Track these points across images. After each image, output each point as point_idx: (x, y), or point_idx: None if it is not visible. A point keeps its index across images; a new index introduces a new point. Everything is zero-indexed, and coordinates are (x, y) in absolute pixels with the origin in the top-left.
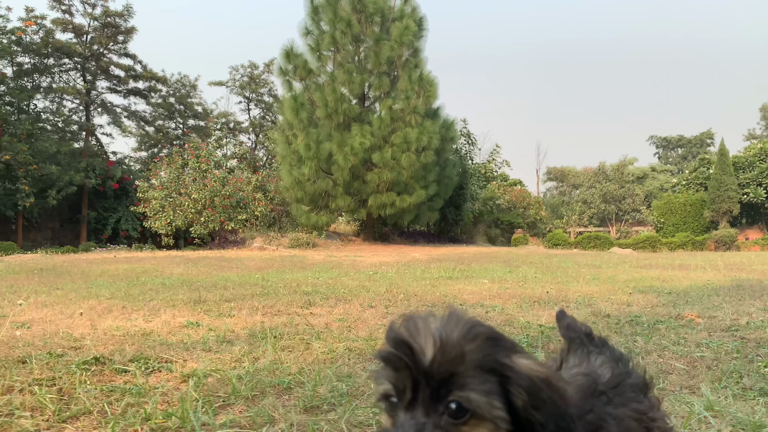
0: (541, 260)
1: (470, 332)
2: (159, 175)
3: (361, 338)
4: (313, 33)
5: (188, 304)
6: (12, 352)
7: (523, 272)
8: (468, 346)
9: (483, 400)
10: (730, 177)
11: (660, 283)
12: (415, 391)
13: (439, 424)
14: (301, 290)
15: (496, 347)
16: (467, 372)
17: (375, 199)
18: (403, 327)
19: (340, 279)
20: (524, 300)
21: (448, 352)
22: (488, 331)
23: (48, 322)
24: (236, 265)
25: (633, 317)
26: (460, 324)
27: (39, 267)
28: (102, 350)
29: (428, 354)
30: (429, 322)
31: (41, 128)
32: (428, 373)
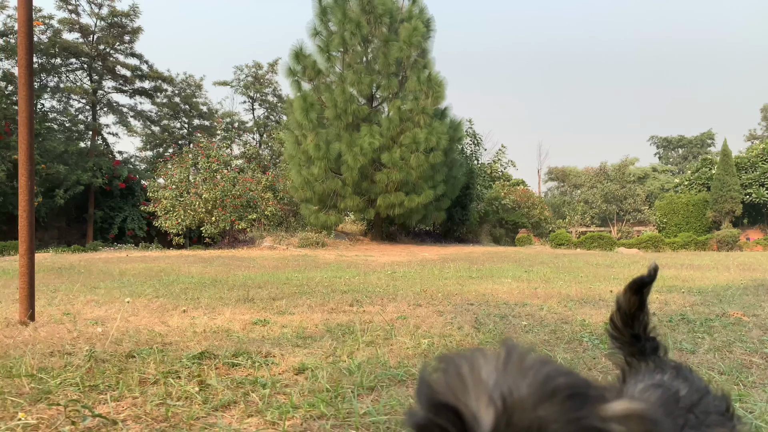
0: (551, 260)
1: (546, 388)
2: (169, 174)
3: (435, 335)
4: (321, 34)
5: (240, 302)
6: (119, 347)
7: (541, 272)
8: (545, 410)
9: None
10: (732, 177)
11: (681, 282)
12: None
13: None
14: (338, 289)
15: (583, 406)
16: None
17: (384, 199)
18: (444, 380)
19: (367, 278)
20: (564, 299)
21: (517, 423)
22: (569, 381)
23: (115, 320)
24: (252, 264)
25: (681, 315)
26: (527, 373)
27: (57, 266)
28: (196, 346)
29: (486, 426)
30: (480, 370)
31: (48, 128)
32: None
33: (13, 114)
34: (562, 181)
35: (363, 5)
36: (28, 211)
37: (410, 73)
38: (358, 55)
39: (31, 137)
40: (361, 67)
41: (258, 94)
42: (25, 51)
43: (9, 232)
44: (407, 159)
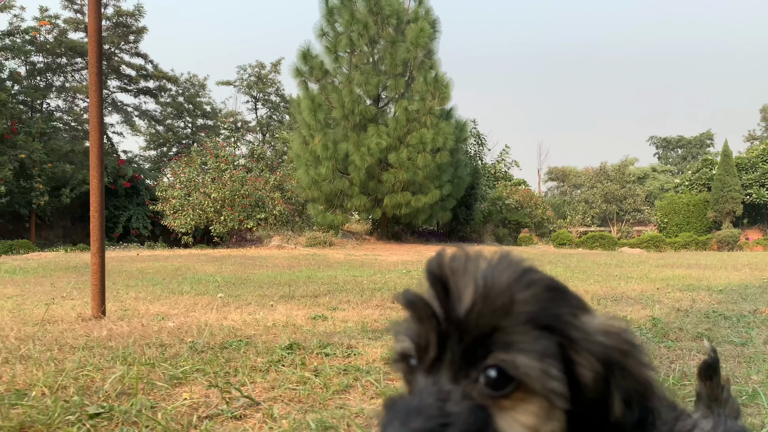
0: (560, 260)
1: (525, 277)
2: (178, 174)
3: None
4: (328, 34)
5: (284, 299)
6: (212, 339)
7: (555, 272)
8: (521, 293)
9: (536, 366)
10: (733, 178)
11: (697, 281)
12: (442, 349)
13: (471, 394)
14: (367, 287)
15: (558, 300)
16: (517, 327)
17: (390, 198)
18: (441, 262)
19: (386, 276)
20: (594, 297)
21: (493, 298)
22: (550, 280)
23: (175, 316)
24: (264, 264)
25: (714, 312)
26: (513, 267)
27: (74, 265)
28: (282, 338)
29: (466, 298)
30: (476, 261)
31: (54, 127)
32: (462, 325)
33: (20, 113)
34: (561, 181)
35: (370, 6)
36: (99, 212)
37: (417, 74)
38: (364, 55)
39: (101, 142)
40: (368, 68)
41: (261, 93)
42: (96, 59)
43: (15, 231)
44: (414, 159)
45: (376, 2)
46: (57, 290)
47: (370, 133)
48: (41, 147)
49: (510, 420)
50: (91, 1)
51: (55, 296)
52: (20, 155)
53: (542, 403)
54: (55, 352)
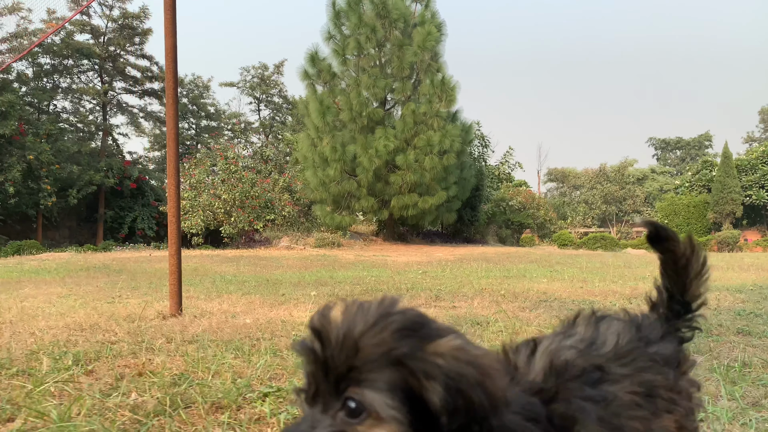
0: (567, 260)
1: (379, 323)
2: (188, 175)
3: (553, 326)
4: (335, 37)
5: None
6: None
7: (569, 273)
8: (370, 337)
9: (378, 398)
10: (733, 179)
11: (711, 282)
12: (317, 384)
13: (335, 422)
14: (395, 287)
15: (408, 338)
16: (365, 366)
17: (398, 200)
18: (317, 317)
19: (405, 277)
20: (621, 297)
21: (346, 344)
22: (404, 321)
23: (244, 313)
24: (278, 264)
25: (744, 311)
26: (372, 313)
27: (92, 265)
28: None
29: (330, 345)
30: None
31: (61, 128)
32: (328, 366)
33: (27, 115)
34: (561, 182)
35: (378, 10)
36: (176, 216)
37: (423, 77)
38: (372, 58)
39: (176, 149)
40: (376, 71)
41: (264, 95)
42: (172, 75)
43: (23, 232)
44: (421, 161)
45: (384, 6)
46: (103, 290)
47: (377, 136)
48: (49, 148)
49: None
50: (167, 20)
51: (111, 296)
52: (28, 156)
53: (390, 427)
54: (171, 344)
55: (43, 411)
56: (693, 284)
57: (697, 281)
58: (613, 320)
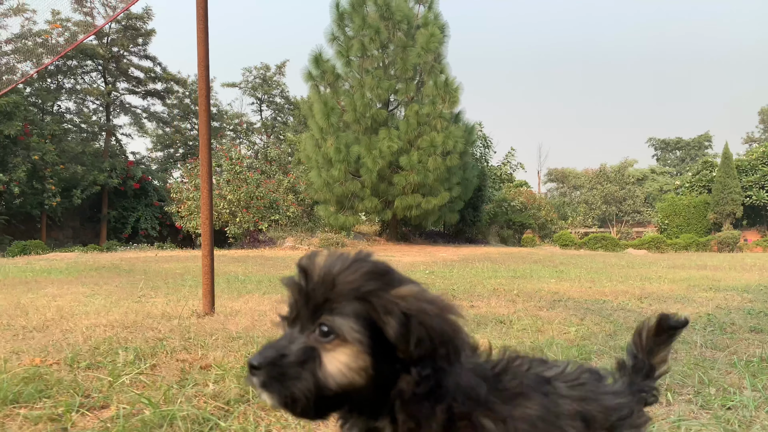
0: (571, 261)
1: (352, 266)
2: (193, 176)
3: (573, 324)
4: (339, 39)
5: None
6: None
7: (575, 273)
8: (344, 276)
9: (345, 324)
10: (733, 180)
11: (716, 282)
12: (299, 311)
13: (309, 340)
14: None
15: (374, 280)
16: (338, 299)
17: (401, 200)
18: (304, 258)
19: (417, 276)
20: (633, 297)
21: (325, 280)
22: (373, 267)
23: (273, 312)
24: (286, 264)
25: (755, 310)
26: (348, 260)
27: (100, 266)
28: None
29: (312, 280)
30: (326, 256)
31: (65, 129)
32: (308, 297)
33: (32, 116)
34: (561, 183)
35: (381, 12)
36: (209, 219)
37: (427, 78)
38: (375, 59)
39: (208, 154)
40: (379, 72)
41: (266, 95)
42: (205, 84)
43: (26, 232)
44: (425, 162)
45: (387, 7)
46: (124, 290)
47: (381, 137)
48: (53, 149)
49: (330, 357)
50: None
51: (135, 296)
52: (33, 156)
53: (353, 347)
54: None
55: (133, 399)
56: (661, 351)
57: (665, 349)
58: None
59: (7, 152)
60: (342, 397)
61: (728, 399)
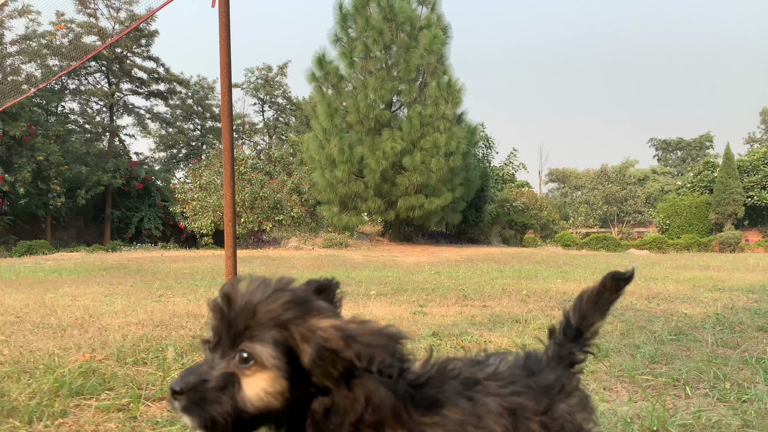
0: (574, 261)
1: (273, 296)
2: (198, 176)
3: None
4: (342, 40)
5: (362, 297)
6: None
7: (579, 273)
8: (265, 306)
9: (264, 351)
10: (735, 180)
11: (720, 282)
12: (220, 338)
13: (229, 366)
14: (418, 288)
15: (293, 309)
16: (258, 327)
17: (404, 201)
18: (228, 285)
19: (420, 277)
20: (641, 297)
21: (246, 309)
22: (293, 296)
23: None
24: (290, 264)
25: (762, 310)
26: (268, 288)
27: (109, 265)
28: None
29: (234, 308)
30: (247, 284)
31: (69, 129)
32: (230, 324)
33: (37, 117)
34: (562, 183)
35: (385, 13)
36: (232, 220)
37: (430, 79)
38: (378, 61)
39: (231, 158)
40: (382, 73)
41: (268, 96)
42: (227, 90)
43: (31, 232)
44: (428, 163)
45: (390, 9)
46: (140, 290)
47: (384, 137)
48: (58, 149)
49: (249, 382)
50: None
51: (154, 296)
52: (38, 157)
53: (271, 373)
54: None
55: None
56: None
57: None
58: (502, 354)
59: (12, 153)
60: (260, 419)
61: (743, 392)
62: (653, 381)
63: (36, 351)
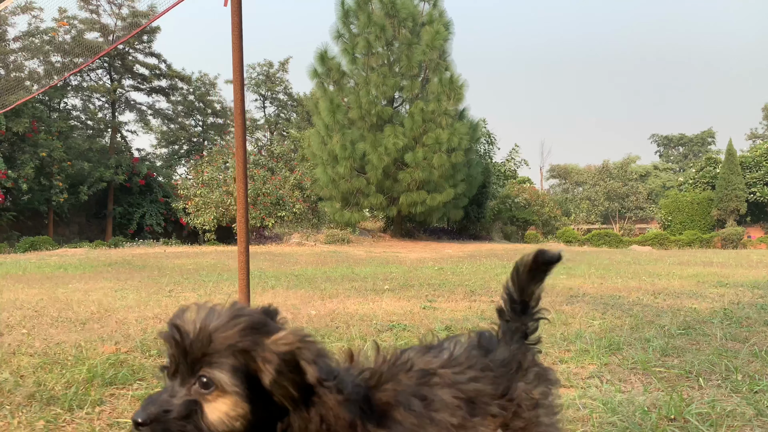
0: (575, 257)
1: (229, 322)
2: (201, 172)
3: (597, 318)
4: (344, 36)
5: (371, 292)
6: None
7: (584, 270)
8: (221, 332)
9: (224, 377)
10: (737, 176)
11: (725, 278)
12: (178, 365)
13: (190, 393)
14: (432, 283)
15: (251, 334)
16: (216, 353)
17: (406, 197)
18: (179, 313)
19: (424, 272)
20: (647, 293)
21: (202, 337)
22: (249, 321)
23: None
24: (294, 260)
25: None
26: (222, 315)
27: (114, 261)
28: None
29: (189, 336)
30: (200, 312)
31: (71, 126)
32: (187, 352)
33: (40, 113)
34: (563, 179)
35: (387, 9)
36: (245, 217)
37: (432, 75)
38: (380, 57)
39: (244, 156)
40: (384, 69)
41: (269, 92)
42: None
43: (34, 228)
44: (430, 159)
45: (392, 5)
46: (149, 285)
47: (386, 133)
48: (61, 145)
49: (211, 408)
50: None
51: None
52: (41, 153)
53: (232, 398)
54: None
55: None
56: (532, 287)
57: (536, 286)
58: (455, 338)
59: (15, 149)
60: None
61: (755, 384)
62: (666, 373)
63: (61, 344)
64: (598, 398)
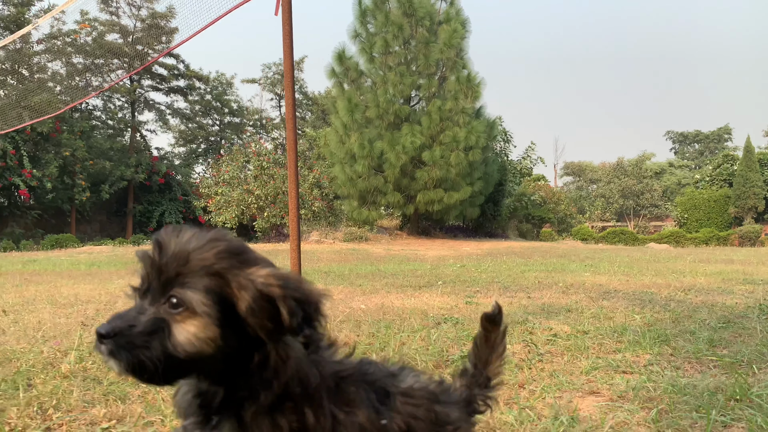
0: (594, 255)
1: (208, 244)
2: (222, 172)
3: (637, 312)
4: (361, 35)
5: (413, 288)
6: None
7: (606, 267)
8: (198, 254)
9: (195, 297)
10: (755, 173)
11: (750, 276)
12: (150, 284)
13: (158, 311)
14: (465, 280)
15: (229, 258)
16: (190, 274)
17: (423, 195)
18: (161, 233)
19: (449, 270)
20: (678, 289)
21: (178, 256)
22: (229, 246)
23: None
24: (317, 258)
25: None
26: (203, 238)
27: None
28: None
29: (166, 255)
30: (182, 233)
31: (92, 126)
32: (161, 270)
33: (63, 114)
34: (578, 176)
35: (404, 8)
36: (296, 215)
37: (449, 74)
38: (398, 56)
39: (295, 157)
40: (402, 68)
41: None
42: (291, 92)
43: (57, 226)
44: (447, 157)
45: (410, 4)
46: None
47: (404, 132)
48: (83, 145)
49: (180, 328)
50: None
51: None
52: (64, 153)
53: (202, 319)
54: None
55: None
56: (495, 361)
57: (498, 360)
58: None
59: (39, 149)
60: (191, 365)
61: None
62: (719, 361)
63: None
64: (664, 382)
